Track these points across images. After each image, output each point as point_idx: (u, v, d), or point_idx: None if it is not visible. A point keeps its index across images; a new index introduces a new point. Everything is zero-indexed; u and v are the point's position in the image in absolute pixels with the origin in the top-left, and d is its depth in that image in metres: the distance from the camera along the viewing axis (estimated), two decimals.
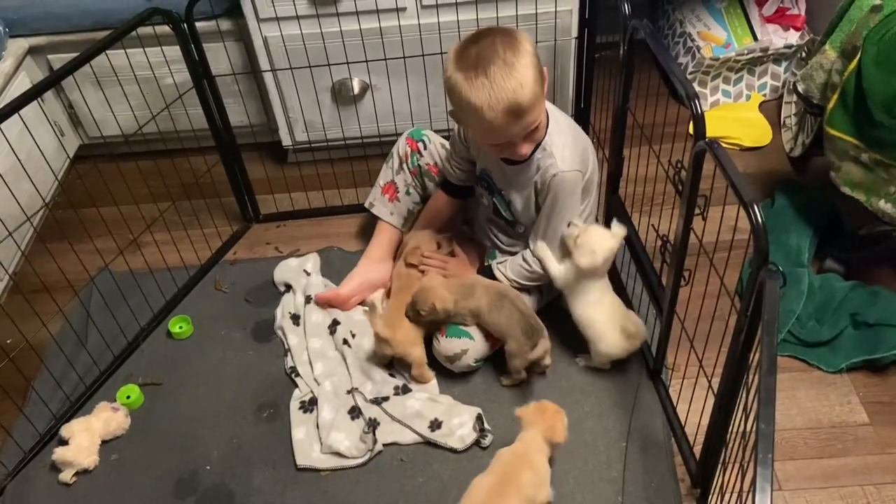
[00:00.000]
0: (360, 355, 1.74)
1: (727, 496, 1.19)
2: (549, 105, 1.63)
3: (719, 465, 1.30)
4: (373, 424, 1.59)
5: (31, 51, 2.12)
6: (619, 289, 1.84)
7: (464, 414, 1.59)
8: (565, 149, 1.57)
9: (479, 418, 1.58)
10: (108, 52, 1.63)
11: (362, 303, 1.88)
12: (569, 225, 1.61)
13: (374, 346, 1.70)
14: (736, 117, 2.36)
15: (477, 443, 1.56)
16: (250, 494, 1.53)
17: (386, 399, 1.61)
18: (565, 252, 1.62)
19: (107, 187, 1.87)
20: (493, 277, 1.72)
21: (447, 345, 1.65)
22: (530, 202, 1.66)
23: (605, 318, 1.62)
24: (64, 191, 2.04)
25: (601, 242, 1.57)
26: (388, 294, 1.86)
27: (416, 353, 1.67)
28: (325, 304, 1.85)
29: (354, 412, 1.62)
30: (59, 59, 2.13)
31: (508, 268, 1.71)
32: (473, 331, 1.65)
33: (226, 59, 2.01)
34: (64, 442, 1.60)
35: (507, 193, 1.69)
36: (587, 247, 1.56)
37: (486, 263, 1.80)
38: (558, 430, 1.43)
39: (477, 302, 1.63)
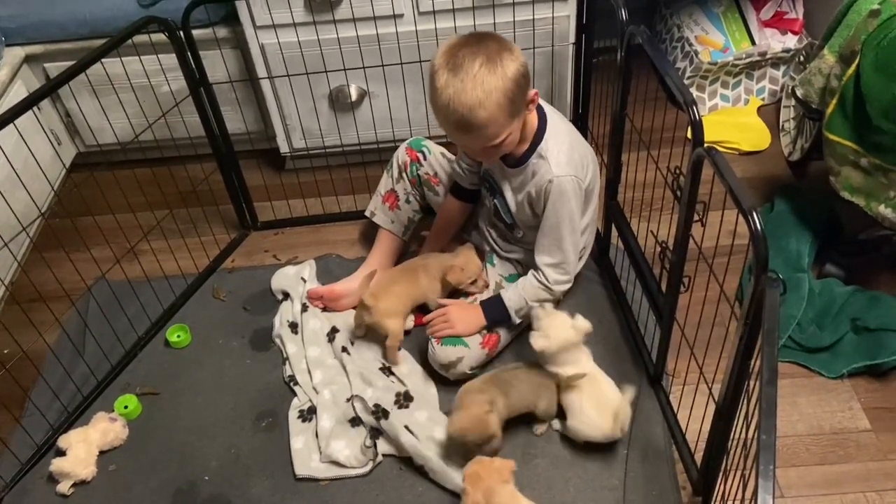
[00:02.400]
0: (360, 362, 1.73)
1: None
2: (548, 109, 1.62)
3: (721, 474, 1.30)
4: (374, 437, 1.58)
5: (28, 59, 2.12)
6: (619, 293, 1.84)
7: (454, 464, 1.51)
8: (560, 154, 1.57)
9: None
10: (104, 60, 1.63)
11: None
12: (541, 306, 1.58)
13: (355, 314, 1.75)
14: (734, 122, 2.36)
15: None
16: None
17: (386, 415, 1.59)
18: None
19: (103, 196, 1.87)
20: (503, 307, 1.67)
21: (442, 353, 1.64)
22: (524, 206, 1.65)
23: (585, 393, 1.53)
24: (60, 200, 2.03)
25: (558, 331, 1.52)
26: None
27: (393, 324, 1.69)
28: (316, 298, 1.85)
29: (355, 421, 1.61)
30: (55, 68, 2.12)
31: (523, 293, 1.66)
32: (469, 339, 1.65)
33: (223, 66, 2.00)
34: (61, 453, 1.59)
35: (507, 196, 1.68)
36: (543, 331, 1.52)
37: (487, 277, 1.79)
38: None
39: (517, 391, 1.55)
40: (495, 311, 1.67)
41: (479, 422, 1.47)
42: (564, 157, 1.57)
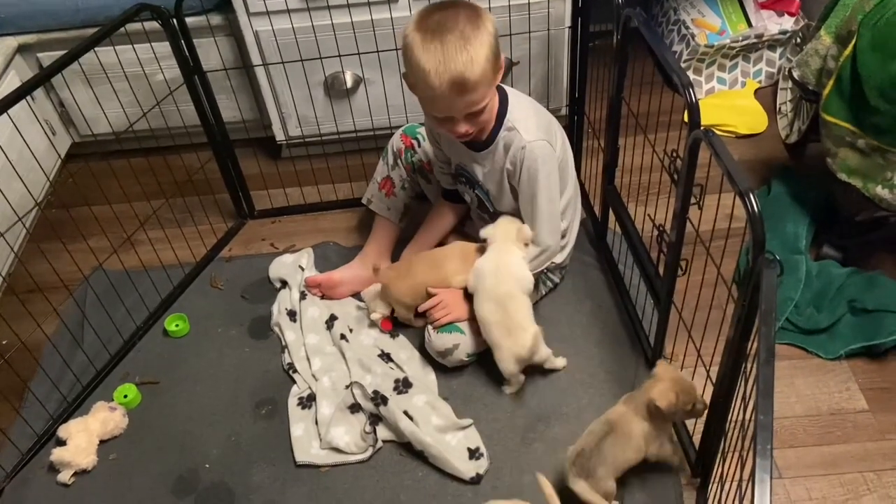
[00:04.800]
0: (359, 349, 1.73)
1: (727, 486, 1.18)
2: (506, 87, 1.62)
3: (719, 455, 1.30)
4: (374, 423, 1.59)
5: (21, 49, 2.10)
6: (616, 278, 1.84)
7: (454, 449, 1.53)
8: (528, 121, 1.57)
9: (471, 452, 1.54)
10: (97, 49, 1.62)
11: (356, 296, 1.87)
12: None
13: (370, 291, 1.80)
14: (731, 105, 2.35)
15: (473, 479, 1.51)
16: (250, 492, 1.53)
17: (385, 401, 1.59)
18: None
19: (99, 186, 1.86)
20: None
21: (438, 340, 1.64)
22: (503, 187, 1.65)
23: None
24: (56, 190, 2.02)
25: (504, 227, 1.63)
26: None
27: (399, 311, 1.74)
28: (314, 286, 1.85)
29: (354, 408, 1.61)
30: (48, 58, 2.11)
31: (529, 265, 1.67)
32: (464, 325, 1.65)
33: (216, 54, 1.99)
34: (61, 443, 1.59)
35: (484, 183, 1.68)
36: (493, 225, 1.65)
37: None
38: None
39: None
40: None
41: (679, 382, 1.39)
42: (533, 124, 1.57)
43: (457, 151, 1.69)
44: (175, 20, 1.74)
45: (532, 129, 1.56)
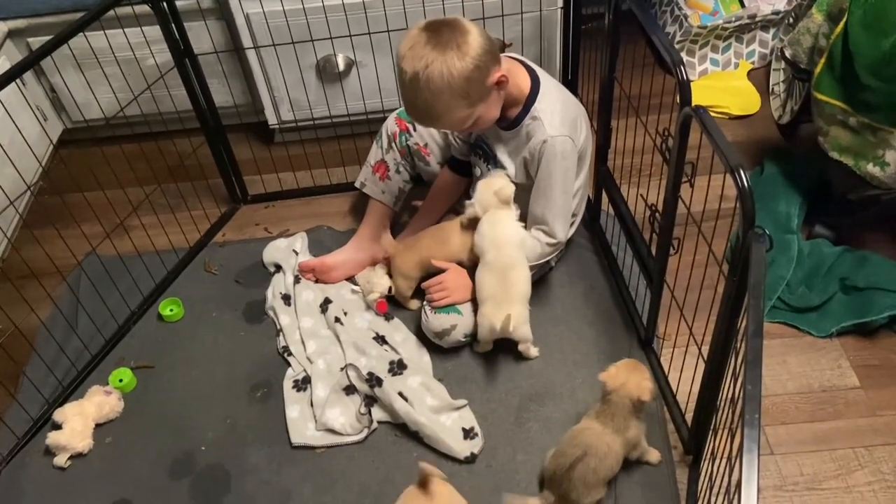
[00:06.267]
0: (353, 332, 1.74)
1: (717, 461, 1.19)
2: (540, 72, 1.62)
3: (710, 432, 1.31)
4: (369, 404, 1.59)
5: (11, 34, 2.09)
6: (610, 259, 1.84)
7: (449, 430, 1.54)
8: (554, 115, 1.57)
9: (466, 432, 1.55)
10: (87, 33, 1.61)
11: (350, 279, 1.87)
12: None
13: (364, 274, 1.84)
14: (724, 86, 2.35)
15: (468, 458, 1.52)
16: (246, 473, 1.54)
17: (380, 382, 1.60)
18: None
19: (91, 172, 1.86)
20: None
21: (436, 321, 1.65)
22: (521, 169, 1.65)
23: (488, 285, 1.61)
24: (48, 176, 2.02)
25: (483, 196, 1.63)
26: None
27: (400, 283, 1.76)
28: (308, 271, 1.85)
29: (349, 389, 1.62)
30: (39, 43, 2.08)
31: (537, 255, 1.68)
32: (463, 307, 1.65)
33: (207, 37, 1.98)
34: (57, 426, 1.60)
35: (503, 160, 1.68)
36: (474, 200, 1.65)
37: None
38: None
39: None
40: None
41: (639, 370, 1.41)
42: (558, 118, 1.57)
43: None
44: (165, 3, 1.73)
45: (556, 124, 1.56)
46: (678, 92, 1.28)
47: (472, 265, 1.67)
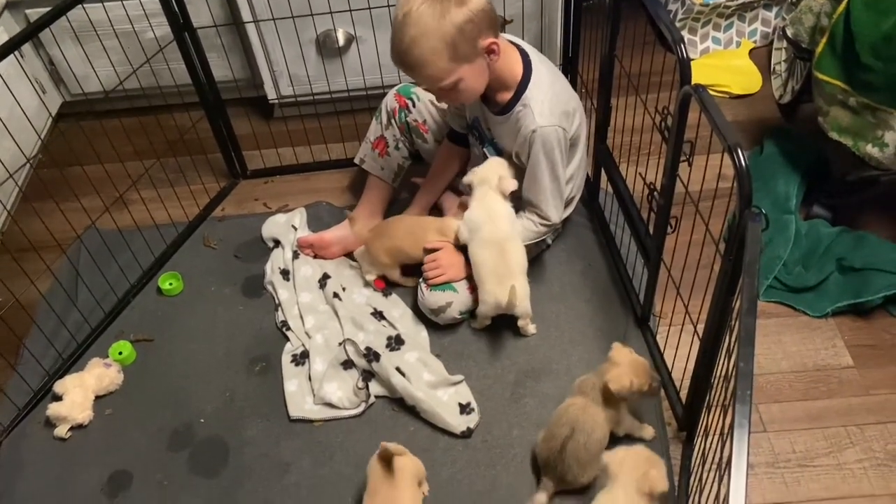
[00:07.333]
0: (352, 307, 1.75)
1: (710, 437, 1.21)
2: (535, 57, 1.61)
3: (704, 408, 1.33)
4: (367, 379, 1.61)
5: (9, 6, 2.08)
6: (608, 237, 1.85)
7: (446, 405, 1.56)
8: (544, 104, 1.56)
9: (462, 407, 1.56)
10: (86, 5, 1.60)
11: (348, 255, 1.88)
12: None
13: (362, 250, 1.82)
14: (726, 65, 2.34)
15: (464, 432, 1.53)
16: (244, 446, 1.55)
17: (378, 357, 1.61)
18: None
19: (91, 145, 1.85)
20: None
21: (432, 298, 1.66)
22: (513, 154, 1.65)
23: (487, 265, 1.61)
24: (47, 149, 2.02)
25: (485, 170, 1.65)
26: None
27: (375, 269, 1.78)
28: (306, 246, 1.86)
29: (347, 364, 1.63)
30: (37, 14, 2.06)
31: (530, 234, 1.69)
32: (458, 284, 1.66)
33: (207, 11, 1.97)
34: (58, 398, 1.61)
35: (498, 141, 1.68)
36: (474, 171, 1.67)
37: None
38: (654, 479, 1.26)
39: None
40: None
41: (634, 366, 1.41)
42: (548, 107, 1.56)
43: (473, 105, 1.69)
44: None
45: (546, 113, 1.55)
46: (678, 70, 1.28)
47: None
